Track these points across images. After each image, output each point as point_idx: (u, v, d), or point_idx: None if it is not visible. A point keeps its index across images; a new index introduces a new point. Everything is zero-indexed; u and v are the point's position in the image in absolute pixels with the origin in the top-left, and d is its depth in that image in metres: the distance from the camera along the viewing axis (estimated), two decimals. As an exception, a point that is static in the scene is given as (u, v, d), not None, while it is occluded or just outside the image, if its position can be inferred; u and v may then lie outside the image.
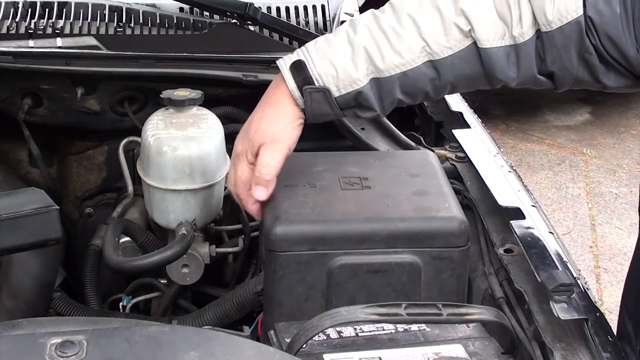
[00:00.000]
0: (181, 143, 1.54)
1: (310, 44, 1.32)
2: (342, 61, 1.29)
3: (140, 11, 2.05)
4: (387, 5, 1.32)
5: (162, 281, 1.74)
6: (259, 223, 1.53)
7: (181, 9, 2.10)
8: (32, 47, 1.91)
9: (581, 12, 1.23)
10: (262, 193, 1.34)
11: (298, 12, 2.14)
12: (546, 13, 1.24)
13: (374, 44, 1.28)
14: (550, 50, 1.26)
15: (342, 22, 2.11)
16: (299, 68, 1.30)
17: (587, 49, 1.25)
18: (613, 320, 1.42)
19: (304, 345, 1.12)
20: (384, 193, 1.40)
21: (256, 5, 1.99)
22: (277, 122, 1.32)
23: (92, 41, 1.95)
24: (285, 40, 2.06)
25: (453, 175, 1.64)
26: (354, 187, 1.41)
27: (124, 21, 2.02)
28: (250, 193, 1.36)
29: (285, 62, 1.32)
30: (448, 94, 1.35)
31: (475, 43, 1.27)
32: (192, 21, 2.05)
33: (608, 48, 1.25)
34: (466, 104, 2.00)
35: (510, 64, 1.28)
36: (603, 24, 1.23)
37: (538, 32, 1.26)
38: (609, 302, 3.60)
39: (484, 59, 1.27)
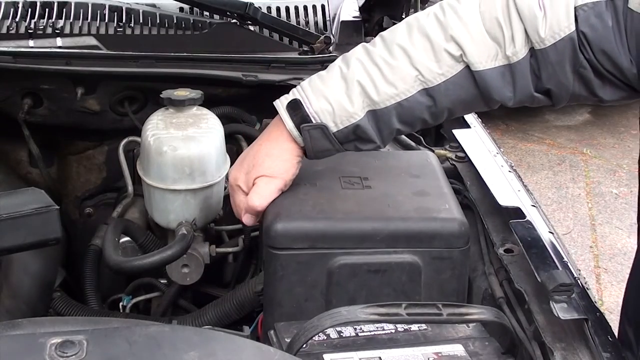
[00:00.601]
0: (181, 143, 1.54)
1: (304, 83, 1.34)
2: (337, 96, 1.30)
3: (140, 11, 2.05)
4: (377, 37, 1.33)
5: (162, 281, 1.74)
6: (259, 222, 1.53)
7: (181, 9, 2.10)
8: (32, 47, 1.91)
9: (573, 27, 1.24)
10: (250, 220, 1.39)
11: (298, 12, 2.14)
12: (539, 31, 1.24)
13: (367, 77, 1.29)
14: (545, 67, 1.27)
15: (342, 22, 2.11)
16: (295, 107, 1.32)
17: (581, 63, 1.26)
18: (613, 320, 1.42)
19: (304, 345, 1.12)
20: (384, 193, 1.40)
21: (256, 5, 1.99)
22: (276, 157, 1.35)
23: (92, 41, 1.95)
24: (285, 40, 2.06)
25: (453, 175, 1.64)
26: (355, 187, 1.41)
27: (124, 21, 2.02)
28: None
29: (281, 102, 1.34)
30: (447, 119, 1.36)
31: (468, 67, 1.27)
32: (192, 21, 2.05)
33: (602, 61, 1.25)
34: (466, 104, 2.00)
35: (506, 83, 1.28)
36: (596, 37, 1.24)
37: (532, 50, 1.26)
38: (609, 302, 3.60)
39: (479, 82, 1.28)
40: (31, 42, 1.93)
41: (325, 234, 1.31)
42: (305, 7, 2.15)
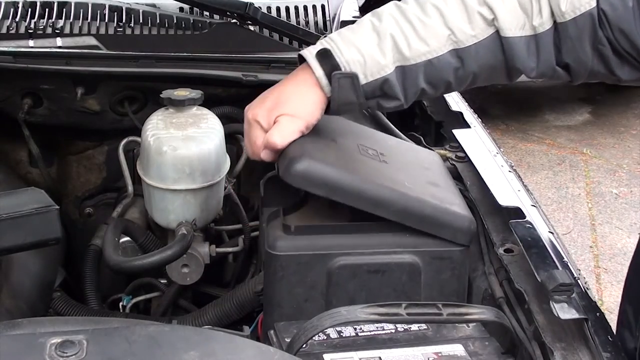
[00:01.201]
0: (181, 143, 1.54)
1: (333, 35, 1.32)
2: (369, 48, 1.29)
3: (140, 11, 2.05)
4: None
5: (162, 281, 1.74)
6: (259, 223, 1.53)
7: (181, 9, 2.10)
8: (32, 47, 1.91)
9: (594, 4, 1.25)
10: (269, 157, 1.34)
11: (298, 12, 2.14)
12: (560, 4, 1.26)
13: (400, 31, 1.29)
14: (565, 41, 1.29)
15: (342, 22, 2.12)
16: (325, 56, 1.30)
17: (600, 40, 1.27)
18: (613, 320, 1.42)
19: (304, 345, 1.12)
20: (400, 170, 1.40)
21: (256, 5, 1.99)
22: (301, 98, 1.32)
23: (92, 41, 1.95)
24: (285, 40, 2.06)
25: (453, 175, 1.64)
26: (372, 157, 1.40)
27: (124, 21, 2.02)
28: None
29: (309, 52, 1.32)
30: (468, 86, 1.37)
31: (497, 32, 1.29)
32: (192, 21, 2.06)
33: (620, 41, 1.27)
34: (466, 104, 2.00)
35: (530, 54, 1.30)
36: (615, 17, 1.25)
37: (555, 23, 1.28)
38: (609, 302, 3.61)
39: (506, 48, 1.29)
40: (31, 42, 1.93)
41: (344, 187, 1.28)
42: (305, 7, 2.15)
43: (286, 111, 1.32)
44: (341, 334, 1.22)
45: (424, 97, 1.35)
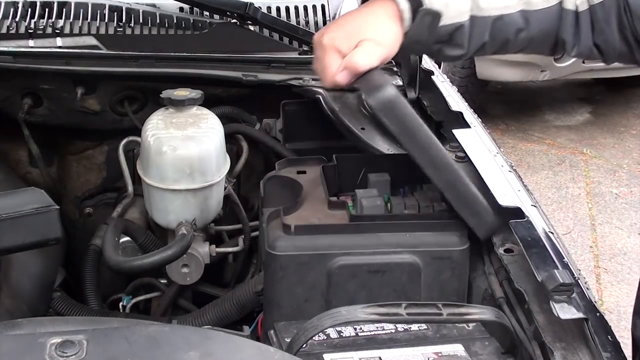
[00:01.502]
0: (181, 143, 1.54)
1: None
2: None
3: (140, 11, 2.06)
4: None
5: (162, 281, 1.74)
6: (259, 223, 1.53)
7: (181, 9, 2.10)
8: (32, 47, 1.92)
9: None
10: (346, 79, 1.27)
11: (298, 12, 2.14)
12: None
13: None
14: (595, 22, 1.33)
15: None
16: None
17: (624, 25, 1.32)
18: (613, 320, 1.42)
19: (304, 345, 1.12)
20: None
21: (256, 5, 1.99)
22: (383, 26, 1.28)
23: (92, 41, 1.95)
24: (285, 40, 2.06)
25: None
26: None
27: (124, 21, 2.03)
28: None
29: None
30: (517, 51, 1.39)
31: (561, 3, 1.33)
32: (192, 21, 2.06)
33: (639, 29, 1.30)
34: (466, 104, 2.00)
35: (576, 30, 1.34)
36: (635, 5, 1.30)
37: (589, 5, 1.33)
38: (609, 302, 3.60)
39: (562, 19, 1.33)
40: (31, 42, 1.94)
41: (416, 133, 1.28)
42: (305, 7, 2.16)
43: (370, 35, 1.27)
44: (341, 334, 1.22)
45: (481, 52, 1.35)
